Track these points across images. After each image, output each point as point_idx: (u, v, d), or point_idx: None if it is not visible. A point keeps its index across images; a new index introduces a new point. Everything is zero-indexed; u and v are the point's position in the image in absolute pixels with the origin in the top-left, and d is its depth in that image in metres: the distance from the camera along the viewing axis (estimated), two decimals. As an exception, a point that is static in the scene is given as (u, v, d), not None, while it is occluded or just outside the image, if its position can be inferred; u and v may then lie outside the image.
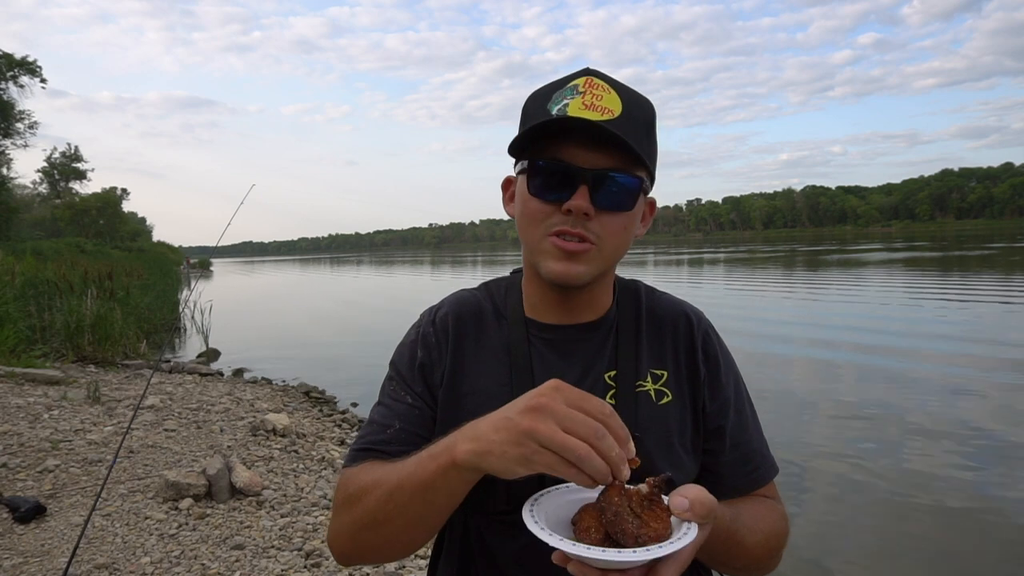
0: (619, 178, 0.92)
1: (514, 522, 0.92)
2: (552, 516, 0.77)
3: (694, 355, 1.05)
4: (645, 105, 0.97)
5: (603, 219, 0.92)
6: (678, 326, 1.07)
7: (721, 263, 41.38)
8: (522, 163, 0.96)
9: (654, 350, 1.04)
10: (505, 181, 1.06)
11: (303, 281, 48.24)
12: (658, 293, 1.13)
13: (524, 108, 0.99)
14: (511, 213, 1.03)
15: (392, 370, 1.05)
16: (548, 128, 0.90)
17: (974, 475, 5.42)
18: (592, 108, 0.90)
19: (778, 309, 16.68)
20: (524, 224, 0.97)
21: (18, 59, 36.80)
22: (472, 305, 1.07)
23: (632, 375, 1.01)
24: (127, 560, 3.53)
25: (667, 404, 1.01)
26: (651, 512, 0.73)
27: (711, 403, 1.04)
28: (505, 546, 0.95)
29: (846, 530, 4.59)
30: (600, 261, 0.95)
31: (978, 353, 9.74)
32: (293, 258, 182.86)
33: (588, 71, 0.95)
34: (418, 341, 1.05)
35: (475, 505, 0.94)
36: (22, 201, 49.69)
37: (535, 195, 0.93)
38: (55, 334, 9.54)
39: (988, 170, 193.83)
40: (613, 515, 0.72)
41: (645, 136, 0.95)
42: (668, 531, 0.73)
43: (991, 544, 4.37)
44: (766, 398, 7.86)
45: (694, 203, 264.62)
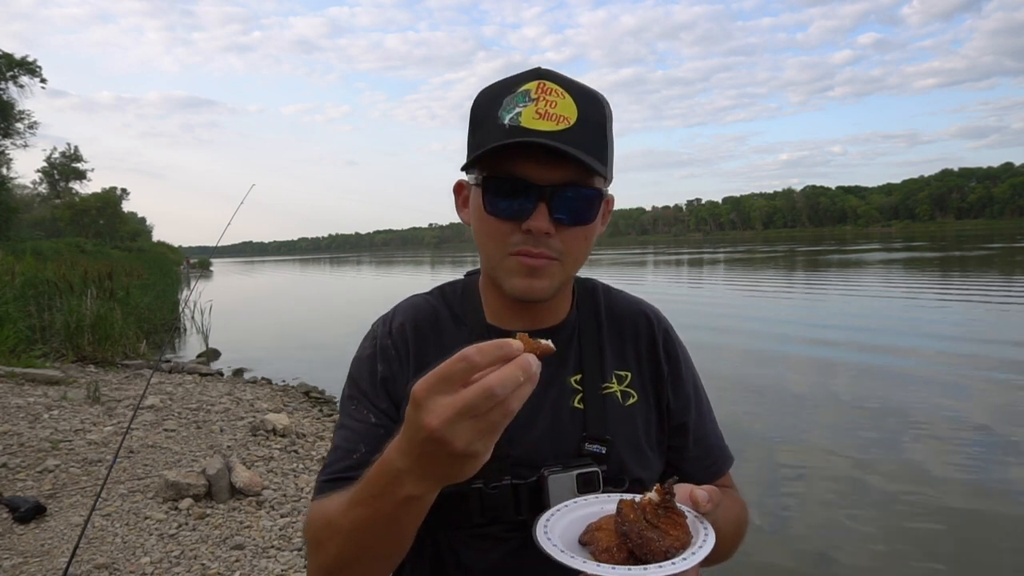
0: (578, 193, 0.89)
1: (489, 535, 0.92)
2: (562, 539, 0.76)
3: (656, 354, 1.05)
4: (599, 105, 0.92)
5: (564, 234, 0.90)
6: (638, 326, 1.06)
7: (720, 263, 41.39)
8: (476, 176, 0.92)
9: (616, 351, 1.04)
10: (457, 185, 1.01)
11: (303, 281, 48.24)
12: (615, 292, 1.11)
13: (474, 111, 0.94)
14: (465, 220, 0.99)
15: (351, 388, 0.99)
16: (504, 143, 0.85)
17: (974, 473, 5.42)
18: (546, 117, 0.86)
19: (776, 309, 16.67)
20: (483, 240, 0.94)
21: (18, 59, 36.81)
22: (427, 311, 1.03)
23: (597, 378, 1.00)
24: (127, 560, 3.53)
25: (633, 405, 1.01)
26: (668, 520, 0.73)
27: (675, 400, 1.04)
28: (482, 560, 0.93)
29: (847, 526, 4.59)
30: (563, 274, 0.93)
31: (977, 352, 9.74)
32: (293, 258, 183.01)
33: (539, 72, 0.91)
34: (376, 354, 0.99)
35: (448, 521, 0.92)
36: (22, 201, 49.70)
37: (492, 214, 0.90)
38: (55, 334, 9.54)
39: (988, 170, 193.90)
40: (638, 536, 0.71)
41: (602, 139, 0.92)
42: (689, 534, 0.73)
43: (992, 540, 4.37)
44: (763, 394, 7.87)
45: (694, 203, 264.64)
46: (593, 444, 0.95)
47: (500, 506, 0.91)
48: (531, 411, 0.94)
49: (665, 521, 0.73)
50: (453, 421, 0.61)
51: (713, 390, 1.13)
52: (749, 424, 7.01)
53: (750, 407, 7.67)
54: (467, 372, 0.62)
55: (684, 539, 0.72)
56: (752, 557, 4.29)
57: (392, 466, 0.70)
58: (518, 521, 0.92)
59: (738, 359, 10.34)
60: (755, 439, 6.50)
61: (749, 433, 6.70)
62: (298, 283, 45.70)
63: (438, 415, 0.62)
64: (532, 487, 0.92)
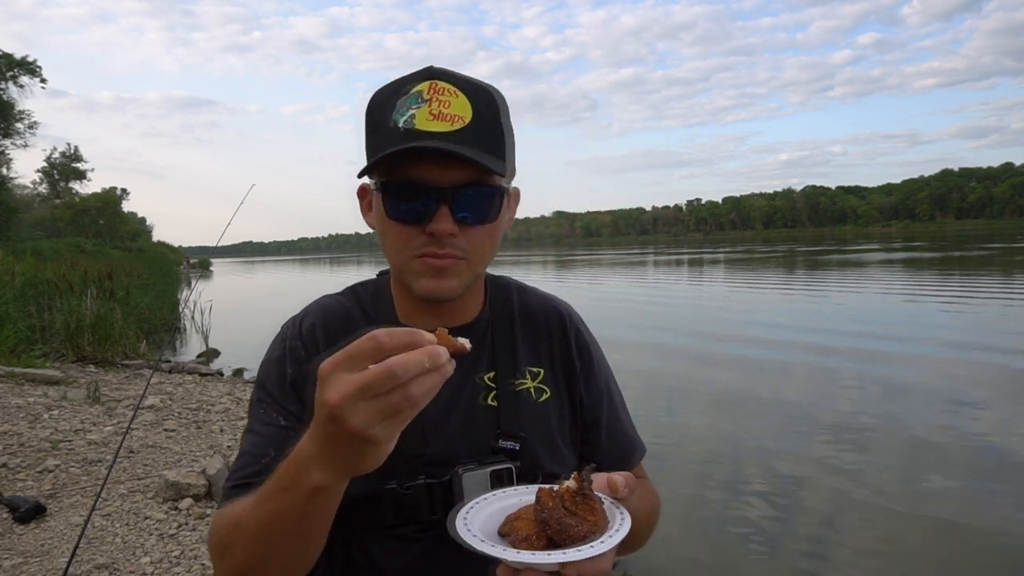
0: (478, 192, 0.89)
1: (402, 536, 0.92)
2: (482, 531, 0.77)
3: (569, 350, 1.06)
4: (494, 100, 0.91)
5: (469, 233, 0.90)
6: (551, 323, 1.08)
7: (720, 263, 41.39)
8: (375, 181, 0.92)
9: (530, 348, 1.05)
10: (360, 189, 1.01)
11: (303, 281, 48.23)
12: (529, 290, 1.12)
13: (369, 114, 0.94)
14: (370, 224, 0.98)
15: (260, 391, 0.97)
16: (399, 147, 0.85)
17: (974, 477, 5.42)
18: (440, 118, 0.86)
19: (776, 309, 16.68)
20: (388, 244, 0.94)
21: (18, 59, 36.84)
22: (339, 312, 1.03)
23: (510, 375, 1.01)
24: (127, 560, 3.53)
25: (547, 401, 1.02)
26: (585, 506, 0.75)
27: (587, 396, 1.06)
28: (396, 561, 0.93)
29: (847, 526, 4.59)
30: (470, 273, 0.94)
31: (976, 353, 9.74)
32: (293, 258, 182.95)
33: (431, 72, 0.90)
34: (285, 356, 0.98)
35: (360, 524, 0.92)
36: (22, 201, 49.73)
37: (394, 219, 0.90)
38: (55, 334, 9.54)
39: (988, 170, 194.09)
40: (557, 523, 0.72)
41: (499, 136, 0.92)
42: (606, 520, 0.75)
43: (988, 548, 4.37)
44: (761, 400, 7.87)
45: (694, 203, 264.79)
46: (507, 441, 0.96)
47: (413, 506, 0.92)
48: (444, 409, 0.95)
49: (583, 508, 0.75)
50: (353, 398, 0.61)
51: (712, 390, 1.13)
52: (748, 428, 7.01)
53: (751, 406, 7.67)
54: (374, 352, 0.61)
55: (601, 524, 0.74)
56: (752, 558, 4.29)
57: (301, 454, 0.69)
58: (431, 520, 0.92)
59: (736, 360, 10.34)
60: (756, 443, 6.51)
61: (749, 438, 6.71)
62: (298, 283, 45.69)
63: (338, 391, 0.61)
64: (446, 486, 0.92)
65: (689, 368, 9.93)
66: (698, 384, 8.93)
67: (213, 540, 0.85)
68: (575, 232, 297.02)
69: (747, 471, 5.69)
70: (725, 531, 4.68)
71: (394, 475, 0.91)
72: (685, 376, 9.45)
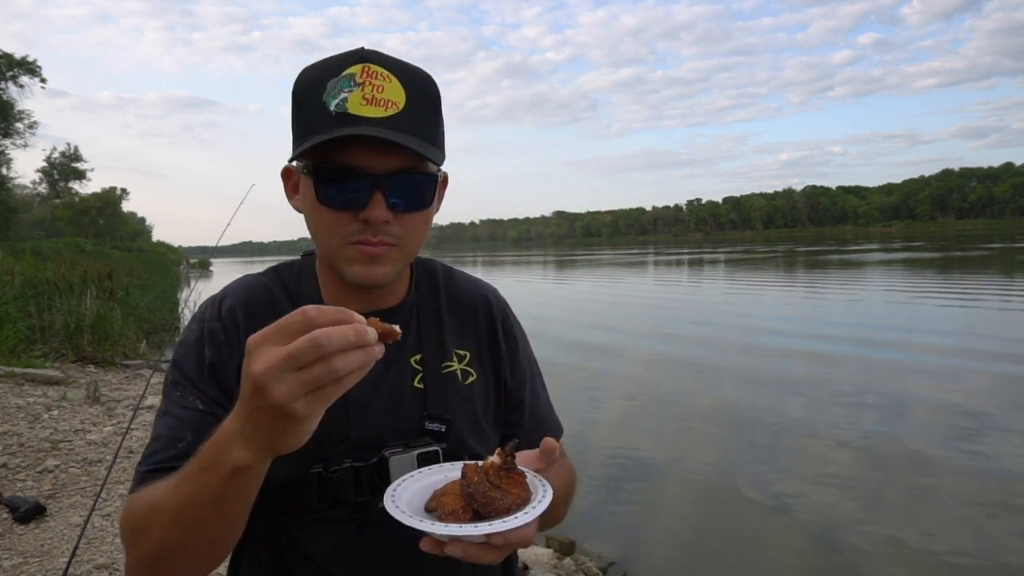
0: (412, 179, 0.88)
1: (328, 518, 0.92)
2: (409, 507, 0.78)
3: (495, 335, 1.07)
4: (428, 85, 0.91)
5: (402, 220, 0.89)
6: (477, 308, 1.08)
7: (720, 263, 41.39)
8: (305, 165, 0.89)
9: (456, 331, 1.05)
10: (285, 171, 0.97)
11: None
12: (456, 273, 1.12)
13: (296, 93, 0.90)
14: (297, 207, 0.96)
15: (176, 374, 0.93)
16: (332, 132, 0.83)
17: (976, 475, 5.42)
18: (374, 103, 0.84)
19: (775, 309, 16.68)
20: (319, 230, 0.91)
21: (18, 59, 36.80)
22: (260, 292, 1.00)
23: (438, 357, 1.01)
24: (127, 560, 3.53)
25: (473, 383, 1.03)
26: (510, 480, 0.77)
27: (512, 379, 1.07)
28: (323, 544, 0.93)
29: (847, 527, 4.59)
30: (403, 259, 0.93)
31: (975, 354, 9.75)
32: (293, 258, 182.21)
33: (363, 54, 0.87)
34: (204, 338, 0.94)
35: (286, 508, 0.91)
36: (22, 201, 49.70)
37: (326, 205, 0.88)
38: (55, 334, 9.53)
39: (988, 170, 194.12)
40: (482, 496, 0.75)
41: (433, 121, 0.91)
42: (529, 492, 0.78)
43: (988, 547, 4.37)
44: (763, 392, 7.86)
45: (694, 203, 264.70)
46: (433, 423, 0.96)
47: (340, 489, 0.91)
48: (370, 391, 0.94)
49: (507, 481, 0.77)
50: (277, 368, 0.60)
51: (712, 390, 1.13)
52: (750, 427, 7.01)
53: (750, 409, 7.67)
54: (302, 325, 0.61)
55: (525, 496, 0.77)
56: (751, 556, 4.29)
57: (224, 433, 0.68)
58: (358, 503, 0.92)
59: (737, 358, 10.34)
60: (755, 441, 6.51)
61: (748, 436, 6.71)
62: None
63: (263, 362, 0.61)
64: (372, 469, 0.92)
65: (689, 368, 9.93)
66: (697, 384, 8.93)
67: (125, 525, 0.82)
68: (575, 232, 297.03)
69: (745, 472, 5.69)
70: (724, 531, 4.68)
71: (320, 458, 0.90)
72: (683, 376, 9.45)
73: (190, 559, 0.78)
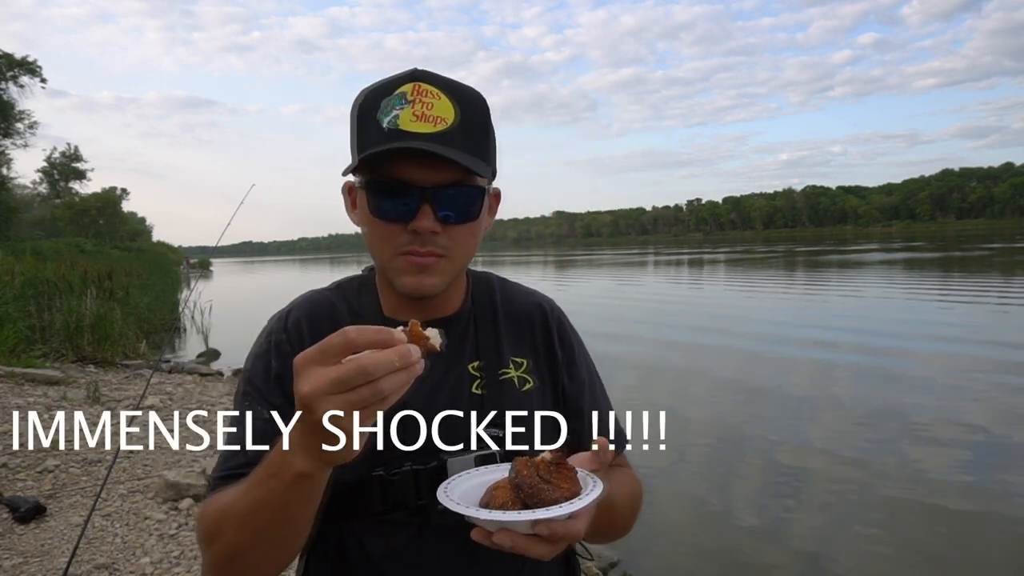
0: (460, 192, 0.92)
1: (392, 521, 0.95)
2: (464, 501, 0.80)
3: (551, 342, 1.10)
4: (477, 102, 0.94)
5: (450, 232, 0.93)
6: (533, 316, 1.11)
7: (720, 263, 41.39)
8: (360, 179, 0.95)
9: (513, 340, 1.08)
10: (346, 187, 1.03)
11: (303, 281, 48.24)
12: (510, 284, 1.15)
13: (354, 113, 0.95)
14: (355, 221, 1.01)
15: (246, 385, 0.99)
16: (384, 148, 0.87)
17: (975, 478, 5.42)
18: (423, 119, 0.89)
19: (775, 309, 16.68)
20: (372, 242, 0.97)
21: (18, 59, 36.81)
22: (324, 306, 1.04)
23: (495, 364, 1.04)
24: (127, 560, 3.53)
25: (530, 390, 1.05)
26: (560, 475, 0.78)
27: (570, 385, 1.09)
28: (384, 546, 0.96)
29: (846, 529, 4.59)
30: (452, 269, 0.96)
31: (975, 354, 9.75)
32: (293, 258, 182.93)
33: (415, 74, 0.92)
34: (271, 350, 0.99)
35: (350, 511, 0.94)
36: (22, 201, 49.71)
37: (378, 216, 0.93)
38: (55, 334, 9.53)
39: (988, 170, 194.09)
40: (530, 488, 0.76)
41: (482, 137, 0.94)
42: (579, 487, 0.78)
43: (992, 547, 4.37)
44: (763, 396, 7.86)
45: (694, 203, 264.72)
46: (491, 428, 0.99)
47: (400, 492, 0.94)
48: (430, 398, 0.98)
49: (557, 476, 0.78)
50: (324, 390, 0.64)
51: (710, 391, 1.14)
52: (750, 427, 7.01)
53: (750, 408, 7.68)
54: (343, 347, 0.64)
55: (575, 491, 0.77)
56: (752, 557, 4.30)
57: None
58: (418, 506, 0.94)
59: (737, 360, 10.34)
60: (755, 440, 6.51)
61: (749, 435, 6.71)
62: (298, 283, 45.74)
63: (310, 383, 0.64)
64: (432, 472, 0.94)
65: (688, 366, 9.93)
66: (697, 384, 8.94)
67: (202, 527, 0.87)
68: (575, 232, 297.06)
69: (747, 470, 5.70)
70: (724, 532, 4.68)
71: (381, 462, 0.94)
72: (685, 373, 9.46)
73: (260, 560, 0.83)
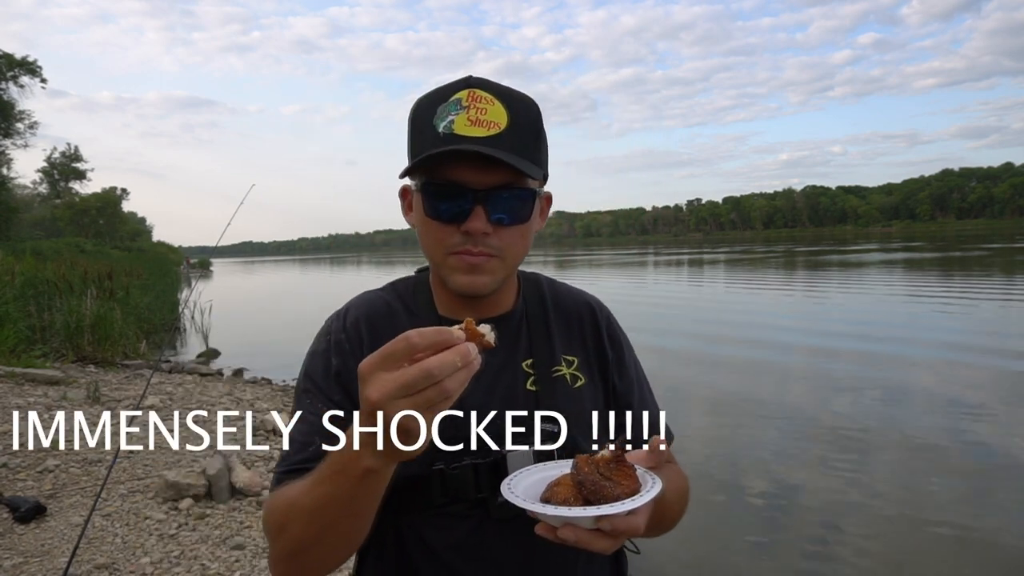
0: (512, 194, 0.95)
1: (450, 514, 0.98)
2: (525, 496, 0.83)
3: (600, 340, 1.13)
4: (530, 108, 0.98)
5: (502, 233, 0.96)
6: (583, 315, 1.15)
7: (720, 263, 41.39)
8: (416, 182, 0.99)
9: (563, 338, 1.11)
10: (402, 190, 1.07)
11: (304, 281, 48.25)
12: (558, 284, 1.19)
13: (412, 119, 1.00)
14: (411, 223, 1.05)
15: (307, 383, 1.02)
16: (439, 151, 0.91)
17: (975, 479, 5.42)
18: (478, 124, 0.92)
19: (775, 309, 16.68)
20: (426, 242, 1.00)
21: (18, 59, 36.81)
22: (381, 306, 1.08)
23: (548, 361, 1.07)
24: (127, 560, 3.53)
25: (581, 387, 1.08)
26: (620, 472, 0.81)
27: (620, 382, 1.13)
28: (445, 539, 0.98)
29: (843, 537, 4.59)
30: (503, 270, 0.99)
31: (971, 355, 9.75)
32: (293, 258, 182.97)
33: (470, 81, 0.96)
34: (331, 348, 1.03)
35: (410, 505, 0.97)
36: (22, 201, 49.69)
37: (433, 217, 0.97)
38: (55, 334, 9.53)
39: (988, 170, 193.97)
40: (593, 485, 0.78)
41: (534, 141, 0.98)
42: (639, 483, 0.81)
43: (988, 551, 4.37)
44: (762, 399, 7.86)
45: (694, 203, 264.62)
46: (547, 423, 1.02)
47: (461, 486, 0.97)
48: (488, 394, 1.01)
49: (617, 473, 0.80)
50: (392, 395, 0.66)
51: (710, 391, 1.14)
52: (746, 429, 7.01)
53: (749, 408, 7.68)
54: (407, 351, 0.67)
55: (635, 487, 0.80)
56: (760, 551, 4.29)
57: (352, 440, 0.74)
58: (478, 499, 0.98)
59: (734, 362, 10.34)
60: (752, 441, 6.51)
61: (744, 439, 6.70)
62: (299, 283, 45.72)
63: (378, 389, 0.67)
64: (491, 466, 0.98)
65: (687, 368, 9.93)
66: (695, 386, 8.94)
67: (269, 520, 0.90)
68: (575, 232, 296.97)
69: (746, 473, 5.69)
70: (725, 532, 4.68)
71: (441, 457, 0.97)
72: (682, 377, 9.46)
73: (325, 555, 0.86)
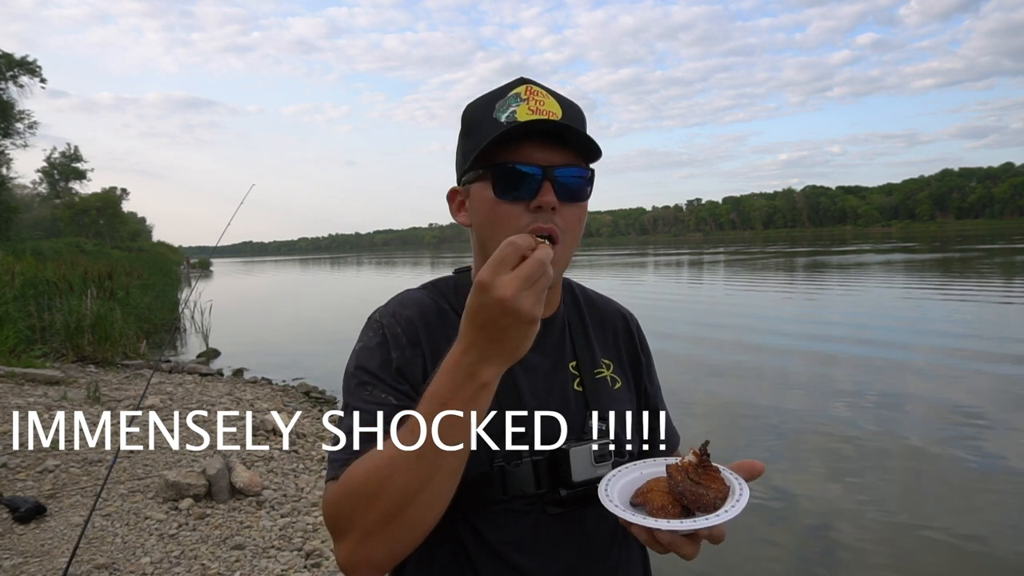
0: (575, 171, 1.01)
1: (510, 510, 1.00)
2: (618, 501, 0.88)
3: (634, 347, 1.22)
4: (577, 108, 1.05)
5: (565, 211, 1.00)
6: (616, 322, 1.22)
7: (720, 263, 41.37)
8: (480, 170, 1.02)
9: (599, 341, 1.18)
10: (451, 192, 1.10)
11: (304, 281, 48.24)
12: (588, 290, 1.25)
13: (466, 120, 1.05)
14: (463, 222, 1.08)
15: (364, 375, 1.00)
16: (508, 134, 0.96)
17: (974, 483, 5.42)
18: (538, 112, 0.99)
19: (774, 309, 16.68)
20: (491, 229, 1.01)
21: (18, 59, 36.84)
22: (429, 304, 1.09)
23: (590, 363, 1.13)
24: (127, 560, 3.54)
25: (619, 389, 1.15)
26: (708, 476, 0.86)
27: (650, 385, 1.22)
28: (505, 534, 1.00)
29: (847, 533, 4.59)
30: (561, 256, 1.01)
31: (966, 357, 9.75)
32: (293, 258, 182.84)
33: (524, 79, 1.04)
34: (388, 343, 1.02)
35: (471, 501, 0.98)
36: (22, 201, 49.68)
37: (502, 198, 0.99)
38: (55, 334, 9.54)
39: (988, 170, 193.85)
40: (691, 494, 0.84)
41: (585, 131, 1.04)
42: (727, 485, 0.87)
43: (987, 555, 4.37)
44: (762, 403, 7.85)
45: (694, 203, 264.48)
46: (598, 421, 1.08)
47: (521, 482, 1.00)
48: (544, 393, 1.07)
49: (706, 478, 0.86)
50: (520, 288, 0.76)
51: (710, 392, 1.16)
52: (744, 429, 7.01)
53: (754, 402, 7.68)
54: (516, 252, 0.78)
55: (724, 490, 0.86)
56: (762, 550, 4.30)
57: (461, 365, 0.80)
58: (536, 495, 1.01)
59: (733, 348, 10.33)
60: (753, 442, 6.51)
61: (744, 440, 6.71)
62: (298, 283, 45.70)
63: (507, 287, 0.76)
64: (550, 460, 1.01)
65: (688, 370, 9.94)
66: (693, 390, 8.94)
67: (357, 491, 0.85)
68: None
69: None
70: (731, 527, 4.68)
71: (502, 455, 1.00)
72: (682, 379, 9.46)
73: (418, 516, 0.84)
